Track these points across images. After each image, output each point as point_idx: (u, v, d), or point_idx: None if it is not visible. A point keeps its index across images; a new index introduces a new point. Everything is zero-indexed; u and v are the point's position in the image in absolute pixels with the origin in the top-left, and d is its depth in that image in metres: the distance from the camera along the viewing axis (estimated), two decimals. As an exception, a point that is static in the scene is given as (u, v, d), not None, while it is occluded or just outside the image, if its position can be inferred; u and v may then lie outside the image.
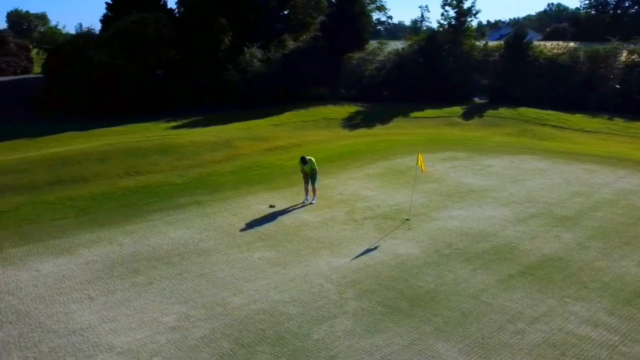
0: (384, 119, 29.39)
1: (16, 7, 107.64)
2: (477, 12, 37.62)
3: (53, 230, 12.54)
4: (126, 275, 10.16)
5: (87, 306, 8.92)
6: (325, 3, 39.05)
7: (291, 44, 36.43)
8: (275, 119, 28.74)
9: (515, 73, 33.84)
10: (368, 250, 11.48)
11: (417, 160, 13.51)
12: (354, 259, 11.04)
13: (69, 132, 25.39)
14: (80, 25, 74.89)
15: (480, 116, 30.34)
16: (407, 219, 13.57)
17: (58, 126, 26.63)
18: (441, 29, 38.19)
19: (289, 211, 14.24)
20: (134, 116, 29.05)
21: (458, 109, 31.53)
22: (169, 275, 10.16)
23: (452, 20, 37.71)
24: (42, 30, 59.72)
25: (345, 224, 13.24)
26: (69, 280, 9.88)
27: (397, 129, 27.65)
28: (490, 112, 31.01)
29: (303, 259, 11.00)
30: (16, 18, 72.46)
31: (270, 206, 14.56)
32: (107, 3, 39.89)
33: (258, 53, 33.87)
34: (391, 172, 18.46)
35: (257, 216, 13.77)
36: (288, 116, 29.53)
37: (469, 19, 38.02)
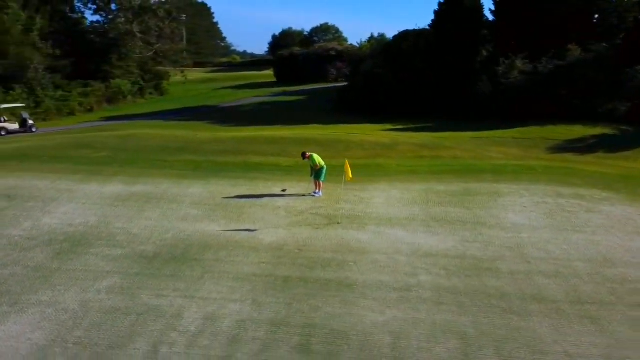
0: (618, 148, 23.23)
1: (381, 32, 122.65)
2: None
3: (156, 174, 18.68)
4: (113, 200, 15.50)
5: (55, 206, 14.90)
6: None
7: (578, 54, 31.85)
8: (488, 132, 27.37)
9: None
10: (247, 230, 13.08)
11: (345, 167, 13.36)
12: (222, 230, 13.07)
13: (314, 124, 32.25)
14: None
15: None
16: (338, 223, 13.62)
17: (320, 120, 34.03)
18: None
19: (287, 196, 16.12)
20: (380, 117, 33.34)
21: None
22: (123, 205, 15.03)
23: None
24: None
25: (289, 212, 14.57)
26: (82, 192, 16.12)
27: (611, 160, 21.77)
28: None
29: (199, 220, 13.82)
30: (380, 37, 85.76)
31: (282, 190, 16.82)
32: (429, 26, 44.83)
33: (519, 63, 31.61)
34: (453, 192, 16.51)
35: (260, 193, 16.41)
36: (509, 132, 27.40)
37: None
